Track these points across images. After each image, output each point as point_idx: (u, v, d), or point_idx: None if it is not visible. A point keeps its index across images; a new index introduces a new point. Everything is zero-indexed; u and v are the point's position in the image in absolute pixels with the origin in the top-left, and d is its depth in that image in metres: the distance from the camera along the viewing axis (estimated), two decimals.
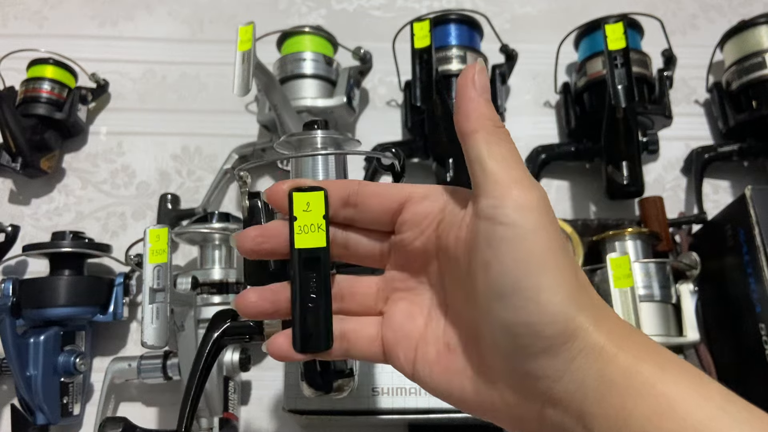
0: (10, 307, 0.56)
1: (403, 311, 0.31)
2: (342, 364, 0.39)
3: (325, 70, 0.71)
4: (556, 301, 0.24)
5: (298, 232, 0.29)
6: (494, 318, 0.26)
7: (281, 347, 0.29)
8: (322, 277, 0.29)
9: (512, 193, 0.25)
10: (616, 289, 0.52)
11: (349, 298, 0.32)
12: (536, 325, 0.24)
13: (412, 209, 0.30)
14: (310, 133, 0.39)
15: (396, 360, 0.30)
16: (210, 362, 0.42)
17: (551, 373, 0.25)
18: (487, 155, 0.26)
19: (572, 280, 0.25)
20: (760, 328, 0.53)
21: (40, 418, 0.56)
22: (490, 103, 0.28)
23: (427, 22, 0.65)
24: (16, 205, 0.72)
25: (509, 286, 0.25)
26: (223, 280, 0.60)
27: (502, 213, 0.25)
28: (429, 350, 0.29)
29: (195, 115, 0.77)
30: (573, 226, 0.62)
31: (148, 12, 0.84)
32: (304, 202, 0.29)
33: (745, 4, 0.85)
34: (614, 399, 0.23)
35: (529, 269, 0.25)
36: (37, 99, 0.70)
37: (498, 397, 0.27)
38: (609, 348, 0.24)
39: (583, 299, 0.25)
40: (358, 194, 0.30)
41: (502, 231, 0.25)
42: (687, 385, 0.23)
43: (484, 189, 0.26)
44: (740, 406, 0.23)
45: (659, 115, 0.69)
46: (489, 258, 0.26)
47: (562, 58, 0.76)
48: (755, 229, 0.54)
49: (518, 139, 0.83)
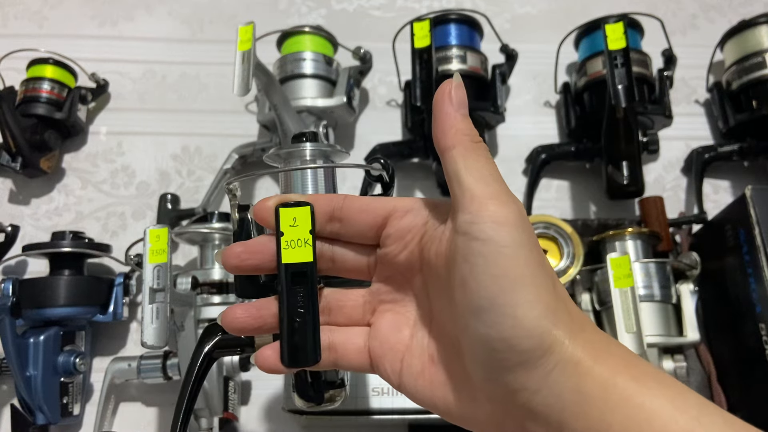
0: (10, 307, 0.56)
1: (390, 323, 0.31)
2: (333, 375, 0.39)
3: (325, 70, 0.71)
4: (532, 317, 0.25)
5: (285, 247, 0.29)
6: (472, 332, 0.26)
7: (268, 360, 0.30)
8: (309, 291, 0.29)
9: (489, 208, 0.25)
10: (616, 289, 0.52)
11: (337, 310, 0.32)
12: (512, 339, 0.25)
13: (396, 224, 0.30)
14: (299, 146, 0.39)
15: (383, 371, 0.31)
16: (201, 376, 0.42)
17: (529, 386, 0.25)
18: (464, 171, 0.27)
19: (549, 295, 0.25)
20: (760, 328, 0.53)
21: (40, 418, 0.56)
22: (468, 118, 0.28)
23: (427, 22, 0.65)
24: (16, 205, 0.72)
25: (486, 302, 0.25)
26: (223, 280, 0.60)
27: (477, 228, 0.25)
28: (414, 362, 0.30)
29: (195, 115, 0.77)
30: (573, 226, 0.62)
31: (148, 12, 0.84)
32: (290, 218, 0.29)
33: (745, 4, 0.85)
34: (593, 412, 0.24)
35: (505, 285, 0.25)
36: (36, 99, 0.70)
37: (480, 409, 0.27)
38: (585, 361, 0.25)
39: (560, 313, 0.25)
40: (343, 209, 0.31)
41: (478, 247, 0.25)
42: (664, 397, 0.24)
43: (461, 204, 0.26)
44: (716, 417, 0.24)
45: (659, 115, 0.69)
46: (466, 273, 0.26)
47: (562, 58, 0.76)
48: (755, 229, 0.54)
49: (518, 139, 0.84)
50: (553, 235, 0.62)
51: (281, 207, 0.30)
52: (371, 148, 0.71)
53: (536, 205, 0.70)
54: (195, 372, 0.42)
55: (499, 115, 0.69)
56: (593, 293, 0.62)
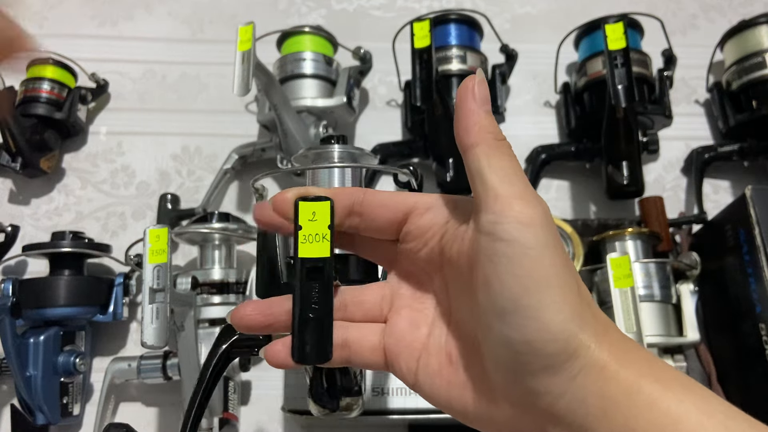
0: (10, 307, 0.56)
1: (407, 320, 0.31)
2: (349, 382, 0.38)
3: (325, 70, 0.71)
4: (559, 320, 0.24)
5: (302, 241, 0.29)
6: (495, 334, 0.25)
7: (278, 355, 0.29)
8: (324, 286, 0.29)
9: (513, 208, 0.25)
10: (616, 289, 0.52)
11: (354, 306, 0.31)
12: (537, 343, 0.24)
13: (416, 222, 0.30)
14: (328, 147, 0.39)
15: (398, 370, 0.30)
16: (217, 375, 0.42)
17: (552, 390, 0.24)
18: (487, 169, 0.26)
19: (575, 297, 0.25)
20: (760, 328, 0.53)
21: (39, 418, 0.56)
22: (491, 115, 0.27)
23: (427, 22, 0.65)
24: (16, 205, 0.72)
25: (510, 304, 0.24)
26: (223, 280, 0.60)
27: (502, 229, 0.25)
28: (431, 361, 0.29)
29: (195, 115, 0.77)
30: (573, 226, 0.62)
31: (148, 12, 0.84)
32: (309, 212, 0.29)
33: (745, 4, 0.85)
34: (617, 417, 0.23)
35: (530, 287, 0.24)
36: (36, 99, 0.70)
37: (499, 411, 0.27)
38: (611, 365, 0.24)
39: (586, 315, 0.25)
40: (363, 204, 0.30)
41: (502, 248, 0.25)
42: (690, 402, 0.23)
43: (484, 203, 0.26)
44: (743, 423, 0.23)
45: (659, 115, 0.69)
46: (489, 274, 0.25)
47: (562, 58, 0.76)
48: (755, 229, 0.54)
49: (518, 139, 0.84)
50: None
51: (301, 200, 0.29)
52: (371, 148, 0.71)
53: None
54: (211, 370, 0.42)
55: (499, 115, 0.69)
56: (593, 293, 0.62)
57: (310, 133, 0.68)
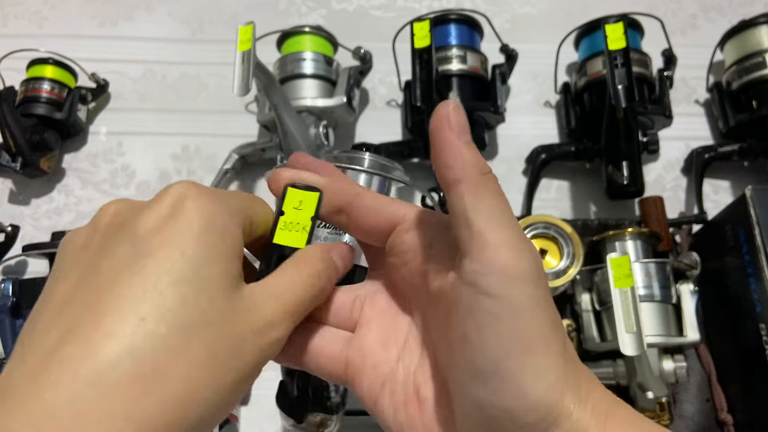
0: (10, 307, 0.56)
1: (377, 337, 0.28)
2: (321, 397, 0.36)
3: (325, 70, 0.71)
4: (540, 389, 0.22)
5: (281, 227, 0.27)
6: (470, 394, 0.23)
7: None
8: None
9: (501, 259, 0.22)
10: (616, 289, 0.52)
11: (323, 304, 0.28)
12: (514, 411, 0.22)
13: (398, 238, 0.27)
14: (359, 154, 0.39)
15: (357, 388, 0.27)
16: None
17: None
18: (472, 211, 0.23)
19: (560, 359, 0.22)
20: (760, 328, 0.53)
21: None
22: (472, 145, 0.24)
23: (427, 22, 0.65)
24: (16, 205, 0.72)
25: (490, 366, 0.22)
26: None
27: (487, 282, 0.22)
28: (397, 390, 0.26)
29: (195, 115, 0.77)
30: (573, 226, 0.62)
31: (147, 12, 0.84)
32: (297, 200, 0.28)
33: (745, 4, 0.85)
34: None
35: (512, 350, 0.22)
36: (36, 99, 0.70)
37: None
38: (592, 429, 0.22)
39: (570, 378, 0.23)
40: (352, 204, 0.28)
41: (487, 303, 0.22)
42: None
43: (469, 250, 0.23)
44: None
45: (659, 115, 0.69)
46: (469, 330, 0.22)
47: (562, 58, 0.76)
48: (755, 229, 0.54)
49: (518, 139, 0.83)
50: (553, 235, 0.62)
51: (291, 186, 0.28)
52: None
53: (536, 205, 0.70)
54: None
55: (499, 115, 0.69)
56: (593, 293, 0.62)
57: (310, 133, 0.68)
